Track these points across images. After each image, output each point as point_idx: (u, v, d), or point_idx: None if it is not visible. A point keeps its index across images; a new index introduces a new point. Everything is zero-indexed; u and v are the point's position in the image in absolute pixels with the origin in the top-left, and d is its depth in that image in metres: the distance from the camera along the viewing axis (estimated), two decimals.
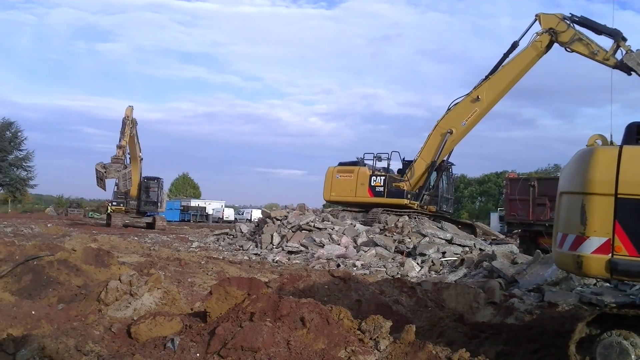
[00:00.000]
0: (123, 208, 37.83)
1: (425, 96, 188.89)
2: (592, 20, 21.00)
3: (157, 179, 40.58)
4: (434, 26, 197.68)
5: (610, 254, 4.94)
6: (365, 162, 26.95)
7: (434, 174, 26.09)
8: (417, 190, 25.71)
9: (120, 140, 35.83)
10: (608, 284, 10.51)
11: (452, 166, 27.55)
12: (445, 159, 25.64)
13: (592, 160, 5.12)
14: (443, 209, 26.82)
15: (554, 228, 5.67)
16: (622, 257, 4.90)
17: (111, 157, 35.76)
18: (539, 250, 14.35)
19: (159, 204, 39.61)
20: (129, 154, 36.47)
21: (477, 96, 23.51)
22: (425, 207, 26.29)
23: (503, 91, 23.59)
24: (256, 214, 57.52)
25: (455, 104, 24.32)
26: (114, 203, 38.35)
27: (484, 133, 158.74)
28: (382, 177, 26.01)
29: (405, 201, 25.27)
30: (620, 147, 5.11)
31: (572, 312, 8.98)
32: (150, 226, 37.34)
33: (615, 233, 4.92)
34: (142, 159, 38.44)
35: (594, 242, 4.99)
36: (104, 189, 35.35)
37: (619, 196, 4.93)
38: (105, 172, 34.29)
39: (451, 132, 24.34)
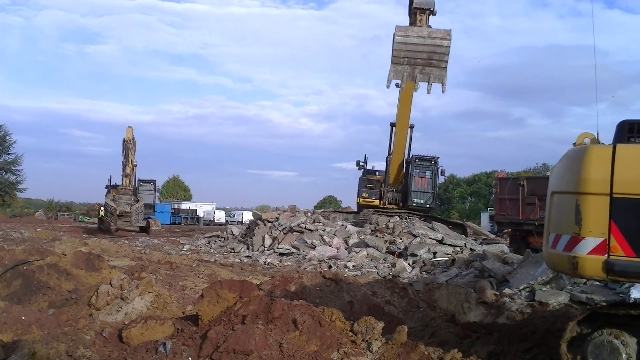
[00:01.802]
0: (117, 212, 36.85)
1: (416, 96, 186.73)
2: None
3: (152, 181, 40.06)
4: None
5: (606, 255, 4.87)
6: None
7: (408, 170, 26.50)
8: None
9: (125, 168, 34.61)
10: (598, 283, 10.56)
11: (436, 159, 27.16)
12: (405, 153, 25.96)
13: (586, 159, 5.03)
14: (414, 204, 26.30)
15: (545, 228, 5.61)
16: (619, 258, 4.84)
17: (119, 187, 34.90)
18: (529, 250, 14.40)
19: (154, 207, 38.80)
20: (123, 161, 35.71)
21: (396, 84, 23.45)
22: (400, 203, 26.34)
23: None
24: (247, 216, 57.38)
25: None
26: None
27: (473, 133, 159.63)
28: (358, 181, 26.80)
29: (359, 200, 26.47)
30: (614, 145, 5.02)
31: (562, 311, 9.03)
32: (144, 230, 36.19)
33: (611, 233, 4.86)
34: (136, 165, 37.84)
35: (590, 242, 4.91)
36: (115, 224, 33.52)
37: (614, 195, 4.86)
38: (116, 206, 33.17)
39: (394, 125, 24.83)
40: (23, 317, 5.94)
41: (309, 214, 27.25)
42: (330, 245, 21.21)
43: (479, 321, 8.76)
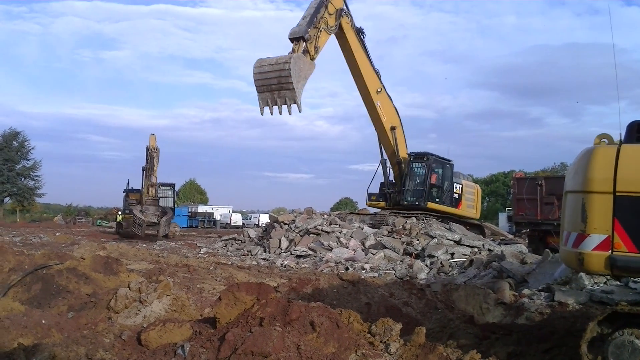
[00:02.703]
0: (145, 223, 34.66)
1: (431, 97, 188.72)
2: None
3: (171, 185, 39.87)
4: (439, 26, 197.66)
5: (610, 251, 5.06)
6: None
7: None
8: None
9: (150, 177, 34.21)
10: (618, 282, 10.44)
11: (429, 155, 26.21)
12: (396, 152, 25.75)
13: (592, 159, 5.23)
14: (406, 202, 25.71)
15: (560, 227, 5.78)
16: (622, 254, 5.02)
17: (145, 198, 34.58)
18: (548, 250, 14.28)
19: (174, 210, 38.40)
20: (144, 168, 35.58)
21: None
22: (404, 202, 25.88)
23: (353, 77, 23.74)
24: (264, 219, 57.59)
25: None
26: (126, 211, 36.43)
27: (490, 133, 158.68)
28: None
29: (367, 202, 27.13)
30: (619, 145, 5.20)
31: (582, 311, 8.93)
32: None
33: (615, 230, 5.04)
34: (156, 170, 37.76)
35: (594, 239, 5.12)
36: (143, 235, 32.80)
37: (617, 194, 5.04)
38: (144, 217, 32.68)
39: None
40: (43, 321, 6.01)
41: (326, 216, 27.19)
42: (347, 247, 21.18)
43: (497, 322, 8.69)
